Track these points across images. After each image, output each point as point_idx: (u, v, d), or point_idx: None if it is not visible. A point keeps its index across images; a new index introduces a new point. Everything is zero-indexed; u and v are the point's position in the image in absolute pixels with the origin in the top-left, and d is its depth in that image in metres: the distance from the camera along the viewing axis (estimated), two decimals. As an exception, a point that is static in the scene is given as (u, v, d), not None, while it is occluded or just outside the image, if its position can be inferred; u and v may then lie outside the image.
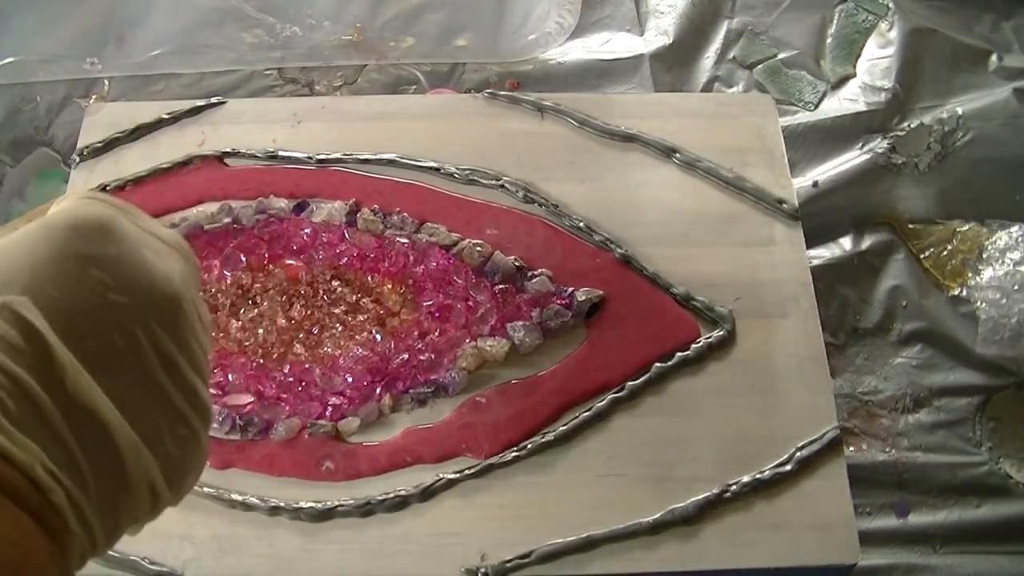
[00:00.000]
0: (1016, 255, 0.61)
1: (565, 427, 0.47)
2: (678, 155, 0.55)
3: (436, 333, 0.50)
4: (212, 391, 0.49)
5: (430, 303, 0.50)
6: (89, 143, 0.57)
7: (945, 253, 0.61)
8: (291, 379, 0.49)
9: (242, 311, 0.50)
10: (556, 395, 0.48)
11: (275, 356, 0.49)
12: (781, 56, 0.69)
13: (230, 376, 0.49)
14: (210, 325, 0.30)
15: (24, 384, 0.23)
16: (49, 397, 0.23)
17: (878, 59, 0.69)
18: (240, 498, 0.46)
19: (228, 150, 0.56)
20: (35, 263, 0.25)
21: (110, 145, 0.57)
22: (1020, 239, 0.61)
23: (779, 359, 0.49)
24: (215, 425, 0.47)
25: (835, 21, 0.71)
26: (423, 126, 0.56)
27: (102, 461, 0.24)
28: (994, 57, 0.68)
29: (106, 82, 0.70)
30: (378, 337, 0.49)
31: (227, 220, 0.53)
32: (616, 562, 0.44)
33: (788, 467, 0.46)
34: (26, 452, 0.22)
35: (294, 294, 0.51)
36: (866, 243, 0.61)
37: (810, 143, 0.65)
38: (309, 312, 0.50)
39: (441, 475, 0.46)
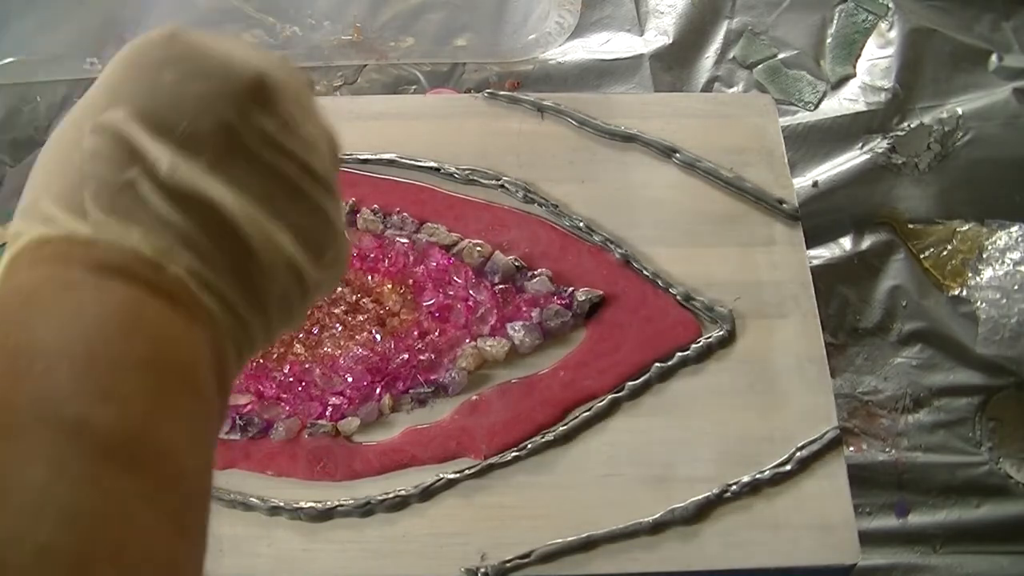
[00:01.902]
0: (1016, 255, 0.61)
1: (565, 427, 0.47)
2: (678, 155, 0.55)
3: (436, 333, 0.50)
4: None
5: (430, 303, 0.50)
6: (89, 143, 0.57)
7: (945, 253, 0.61)
8: (291, 379, 0.49)
9: (242, 311, 0.50)
10: (556, 395, 0.48)
11: (275, 356, 0.49)
12: (781, 56, 0.70)
13: (230, 376, 0.49)
14: (329, 129, 0.28)
15: (120, 180, 0.23)
16: (148, 186, 0.22)
17: (878, 59, 0.69)
18: (240, 498, 0.46)
19: (228, 150, 0.56)
20: (112, 81, 0.25)
21: (110, 145, 0.57)
22: (1020, 239, 0.61)
23: (779, 359, 0.49)
24: (215, 425, 0.47)
25: (835, 21, 0.71)
26: (423, 126, 0.56)
27: (217, 233, 0.23)
28: (994, 57, 0.68)
29: (106, 82, 0.70)
30: (378, 337, 0.49)
31: (227, 220, 0.53)
32: (616, 562, 0.44)
33: (788, 467, 0.46)
34: (125, 233, 0.22)
35: (294, 294, 0.51)
36: (866, 243, 0.61)
37: (810, 143, 0.65)
38: (309, 312, 0.50)
39: (441, 475, 0.46)
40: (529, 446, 0.47)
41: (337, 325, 0.50)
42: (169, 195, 0.23)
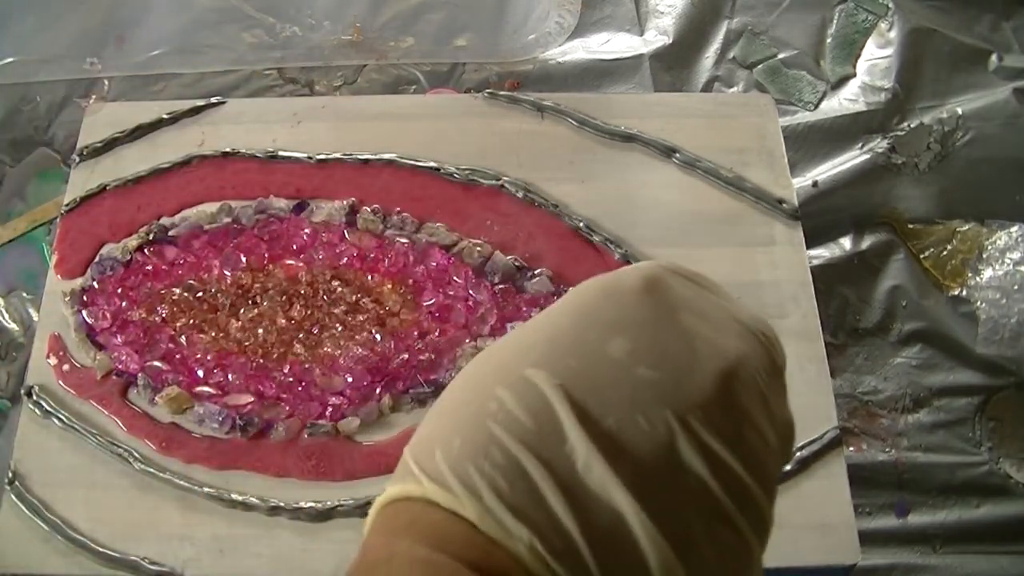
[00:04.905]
0: (1016, 255, 0.61)
1: (565, 427, 0.47)
2: (678, 155, 0.55)
3: (436, 333, 0.50)
4: (211, 391, 0.49)
5: (430, 303, 0.50)
6: (89, 143, 0.57)
7: (945, 253, 0.61)
8: (291, 379, 0.49)
9: (242, 311, 0.50)
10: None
11: (275, 356, 0.49)
12: (781, 56, 0.70)
13: (230, 376, 0.49)
14: (788, 421, 0.24)
15: (524, 464, 0.20)
16: (552, 480, 0.20)
17: (878, 59, 0.69)
18: (240, 498, 0.46)
19: (228, 150, 0.56)
20: (556, 332, 0.23)
21: (110, 145, 0.57)
22: (1020, 239, 0.61)
23: (779, 359, 0.49)
24: (215, 425, 0.47)
25: (835, 21, 0.71)
26: (423, 126, 0.56)
27: (610, 554, 0.20)
28: (994, 57, 0.68)
29: (106, 82, 0.70)
30: (378, 337, 0.49)
31: (227, 220, 0.53)
32: (616, 562, 0.44)
33: (788, 467, 0.46)
34: (515, 536, 0.20)
35: (294, 294, 0.51)
36: (866, 243, 0.61)
37: (810, 143, 0.65)
38: (309, 312, 0.50)
39: (441, 475, 0.46)
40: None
41: (337, 325, 0.50)
42: (571, 495, 0.20)
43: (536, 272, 0.51)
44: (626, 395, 0.21)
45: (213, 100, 0.58)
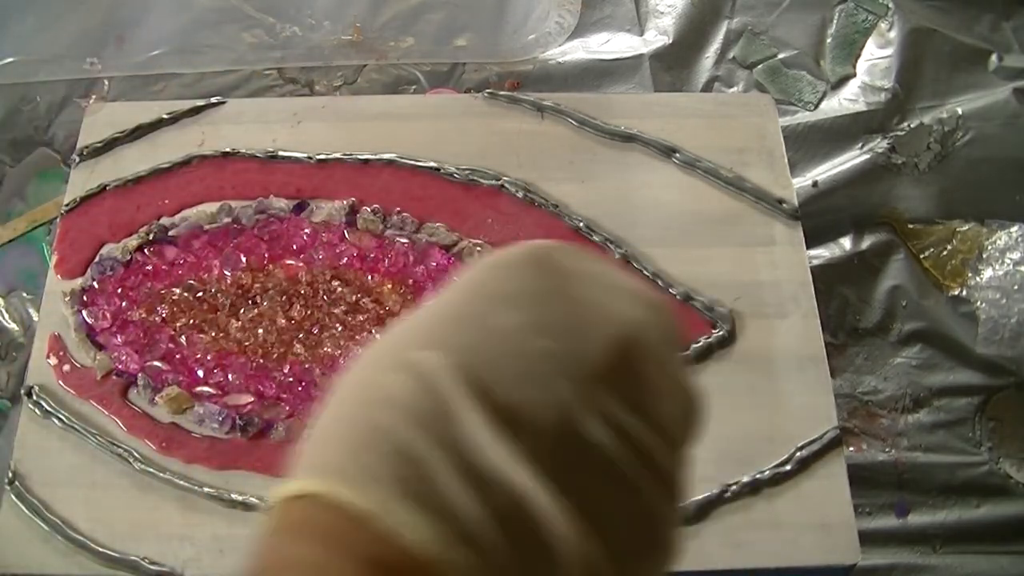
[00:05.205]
0: (1016, 255, 0.61)
1: (565, 427, 0.47)
2: (678, 155, 0.55)
3: (436, 333, 0.50)
4: (211, 391, 0.49)
5: (430, 303, 0.50)
6: (89, 143, 0.57)
7: (945, 253, 0.61)
8: (291, 379, 0.49)
9: (242, 311, 0.50)
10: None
11: (275, 356, 0.49)
12: (781, 56, 0.70)
13: (230, 376, 0.49)
14: (688, 390, 0.23)
15: (418, 449, 0.19)
16: (448, 463, 0.19)
17: (878, 59, 0.69)
18: (240, 498, 0.46)
19: (228, 150, 0.56)
20: (446, 310, 0.22)
21: (110, 145, 0.57)
22: (1020, 239, 0.61)
23: (779, 359, 0.49)
24: (215, 425, 0.47)
25: (835, 21, 0.71)
26: (423, 126, 0.56)
27: (516, 534, 0.19)
28: (994, 57, 0.68)
29: (106, 82, 0.70)
30: (378, 337, 0.49)
31: (227, 220, 0.53)
32: (616, 562, 0.44)
33: (788, 467, 0.46)
34: (413, 526, 0.19)
35: (294, 294, 0.51)
36: (866, 243, 0.61)
37: (810, 143, 0.65)
38: (309, 312, 0.50)
39: (441, 475, 0.46)
40: (529, 446, 0.47)
41: (337, 325, 0.50)
42: (470, 477, 0.19)
43: (536, 272, 0.51)
44: (521, 368, 0.20)
45: (213, 100, 0.58)
